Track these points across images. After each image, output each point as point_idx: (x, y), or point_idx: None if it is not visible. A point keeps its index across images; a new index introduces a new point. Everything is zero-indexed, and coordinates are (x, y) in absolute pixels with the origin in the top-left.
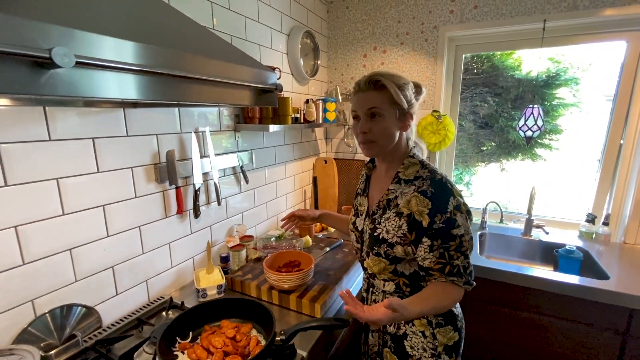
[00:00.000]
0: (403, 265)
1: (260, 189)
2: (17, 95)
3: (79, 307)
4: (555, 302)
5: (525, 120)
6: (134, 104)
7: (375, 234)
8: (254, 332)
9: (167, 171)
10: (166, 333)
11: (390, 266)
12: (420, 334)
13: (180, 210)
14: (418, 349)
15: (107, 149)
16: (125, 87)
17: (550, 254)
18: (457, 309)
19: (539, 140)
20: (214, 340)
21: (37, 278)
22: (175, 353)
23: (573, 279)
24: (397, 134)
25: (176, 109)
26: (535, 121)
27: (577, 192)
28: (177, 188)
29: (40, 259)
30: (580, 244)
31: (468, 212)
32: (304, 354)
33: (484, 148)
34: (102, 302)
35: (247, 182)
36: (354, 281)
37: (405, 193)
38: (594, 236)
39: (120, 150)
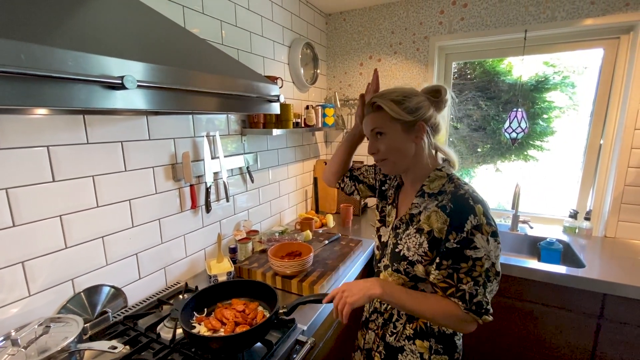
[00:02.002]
0: (425, 284)
1: (265, 188)
2: (93, 108)
3: (109, 288)
4: (539, 289)
5: (510, 123)
6: (155, 112)
7: (397, 250)
8: (260, 308)
9: (183, 170)
10: (185, 308)
11: (409, 283)
12: (418, 355)
13: (194, 206)
14: None
15: (133, 151)
16: (157, 100)
17: (535, 246)
18: (459, 341)
19: (530, 142)
20: (226, 313)
21: (76, 260)
22: (194, 324)
23: (551, 267)
24: (411, 147)
25: (190, 116)
26: (519, 123)
27: (565, 190)
28: (191, 186)
29: (79, 244)
30: (565, 238)
31: (494, 235)
32: (304, 327)
33: (479, 150)
34: (128, 285)
35: (252, 181)
36: (350, 269)
37: (428, 208)
38: (577, 231)
39: (143, 152)
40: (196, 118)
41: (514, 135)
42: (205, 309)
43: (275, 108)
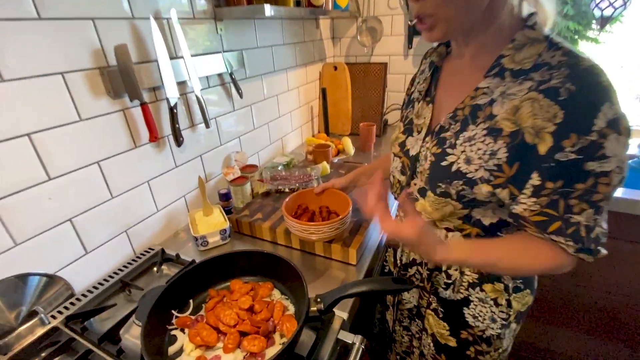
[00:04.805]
0: (483, 211)
1: (259, 106)
2: None
3: (37, 277)
4: None
5: None
6: None
7: (444, 163)
8: (276, 294)
9: (123, 79)
10: (157, 306)
11: (462, 210)
12: (491, 302)
13: (154, 137)
14: (485, 319)
15: (10, 44)
16: None
17: None
18: None
19: None
20: (224, 315)
21: None
22: (173, 333)
23: None
24: None
25: None
26: None
27: None
28: (143, 105)
29: None
30: None
31: (628, 133)
32: (344, 315)
33: None
34: (68, 266)
35: (240, 95)
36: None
37: (512, 95)
38: None
39: (32, 44)
40: None
41: (608, 11)
42: (191, 301)
43: None
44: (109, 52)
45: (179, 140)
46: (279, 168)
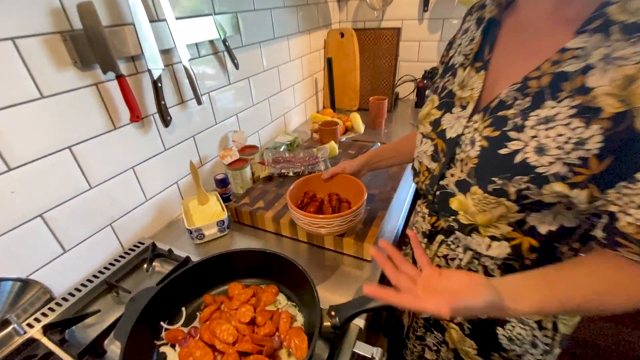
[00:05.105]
0: (542, 216)
1: (257, 78)
2: None
3: (9, 282)
4: None
5: None
6: None
7: (504, 151)
8: (282, 300)
9: (92, 46)
10: (143, 317)
11: (516, 214)
12: (534, 325)
13: (137, 117)
14: (523, 343)
15: None
16: None
17: None
18: None
19: None
20: (221, 331)
21: None
22: (162, 350)
23: None
24: None
25: None
26: None
27: None
28: (120, 77)
29: None
30: None
31: None
32: (361, 324)
33: None
34: (43, 267)
35: (236, 66)
36: (404, 200)
37: (622, 59)
38: None
39: None
40: None
41: None
42: (184, 310)
43: None
44: (72, 13)
45: (166, 119)
46: (282, 149)
